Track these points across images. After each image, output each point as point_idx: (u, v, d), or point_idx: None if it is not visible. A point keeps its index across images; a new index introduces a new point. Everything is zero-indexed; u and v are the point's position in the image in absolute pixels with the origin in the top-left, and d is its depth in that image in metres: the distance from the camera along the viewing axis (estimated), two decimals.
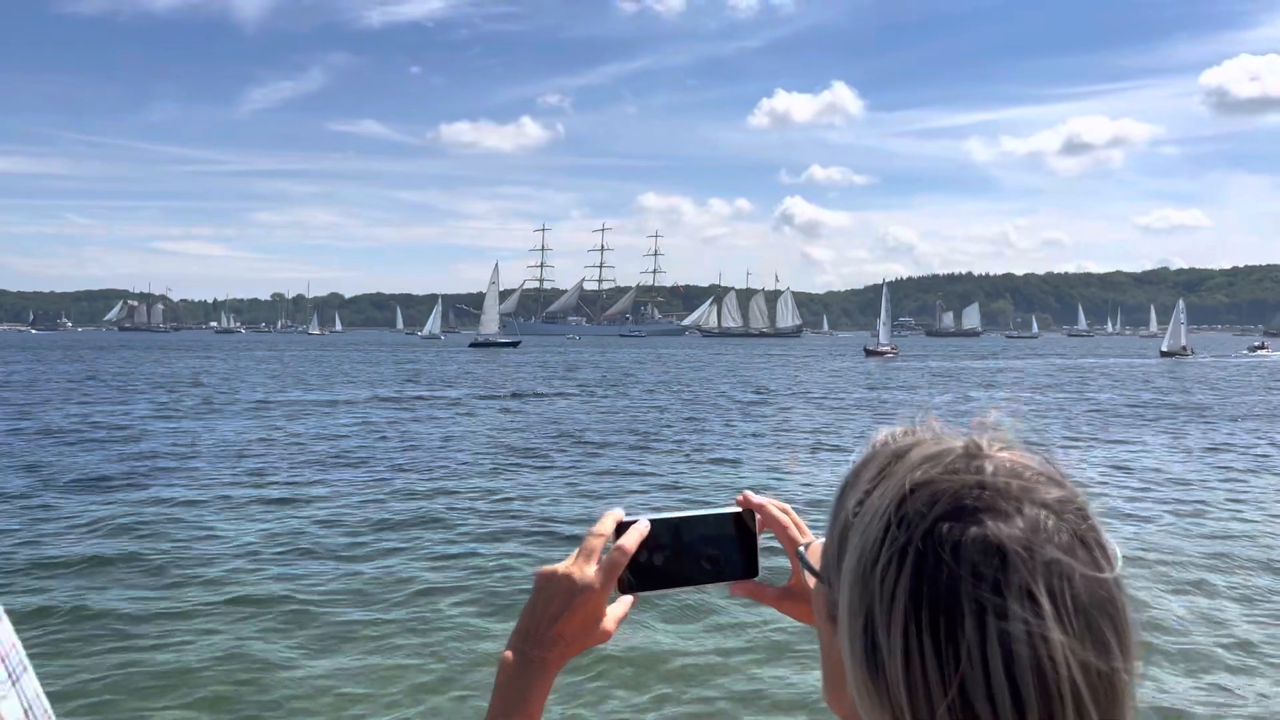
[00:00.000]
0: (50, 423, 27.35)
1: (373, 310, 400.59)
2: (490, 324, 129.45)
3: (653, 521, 1.09)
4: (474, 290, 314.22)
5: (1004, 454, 0.71)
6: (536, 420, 30.10)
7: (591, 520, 1.10)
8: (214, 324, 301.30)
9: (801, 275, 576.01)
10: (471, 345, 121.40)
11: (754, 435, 25.85)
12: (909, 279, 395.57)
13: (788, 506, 1.16)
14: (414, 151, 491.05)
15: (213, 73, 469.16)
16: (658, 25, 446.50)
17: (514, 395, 40.60)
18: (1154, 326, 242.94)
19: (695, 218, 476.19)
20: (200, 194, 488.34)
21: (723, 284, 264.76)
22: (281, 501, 15.58)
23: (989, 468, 0.70)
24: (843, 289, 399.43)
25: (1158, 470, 19.42)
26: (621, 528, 1.08)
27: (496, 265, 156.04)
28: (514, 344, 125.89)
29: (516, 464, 20.18)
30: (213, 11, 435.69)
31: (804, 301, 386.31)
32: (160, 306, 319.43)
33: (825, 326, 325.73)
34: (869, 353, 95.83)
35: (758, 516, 1.14)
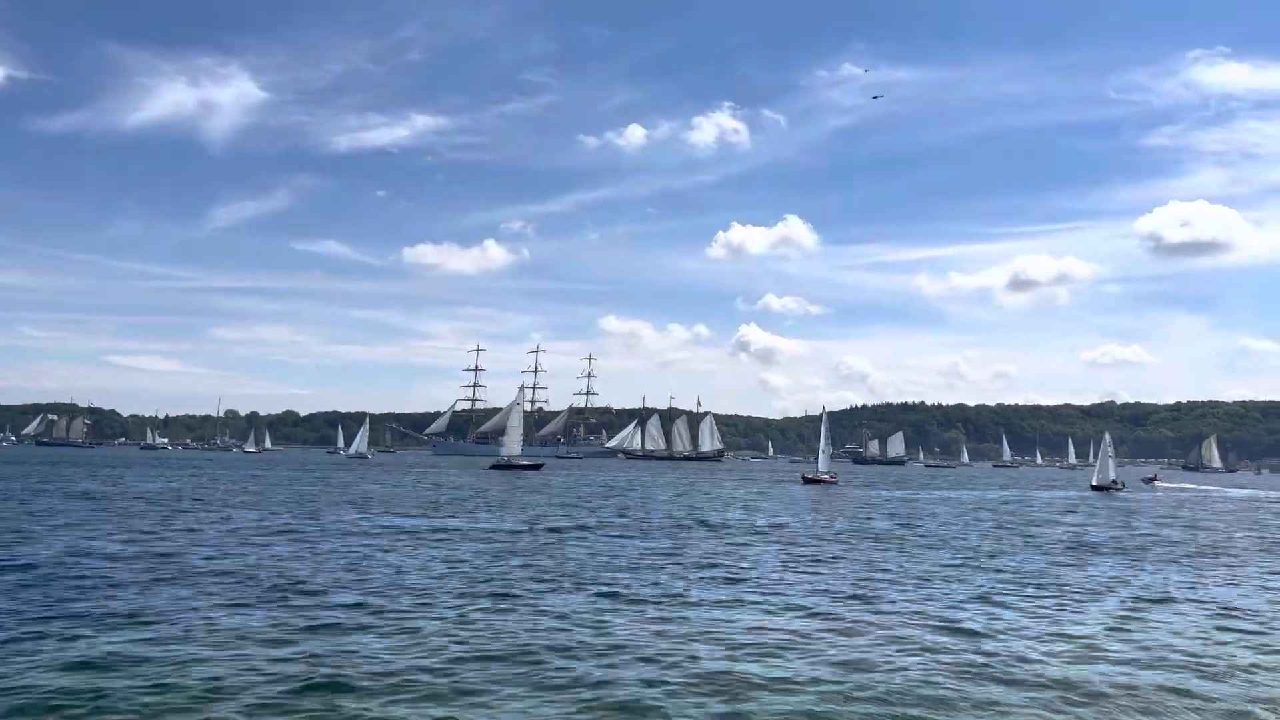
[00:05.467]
0: None
1: (327, 429, 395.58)
2: (514, 445, 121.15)
3: None
4: (430, 410, 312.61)
5: None
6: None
7: None
8: (160, 439, 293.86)
9: (759, 400, 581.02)
10: (492, 467, 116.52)
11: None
12: (863, 407, 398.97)
13: None
14: (377, 272, 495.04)
15: (178, 191, 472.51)
16: (619, 159, 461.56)
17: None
18: (1073, 458, 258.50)
19: (655, 342, 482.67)
20: (159, 309, 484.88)
21: (648, 406, 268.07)
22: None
23: None
24: (799, 414, 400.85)
25: None
26: None
27: (522, 387, 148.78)
28: (536, 467, 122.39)
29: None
30: (181, 132, 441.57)
31: (760, 426, 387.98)
32: (82, 421, 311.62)
33: (770, 451, 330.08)
34: (806, 480, 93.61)
35: None
